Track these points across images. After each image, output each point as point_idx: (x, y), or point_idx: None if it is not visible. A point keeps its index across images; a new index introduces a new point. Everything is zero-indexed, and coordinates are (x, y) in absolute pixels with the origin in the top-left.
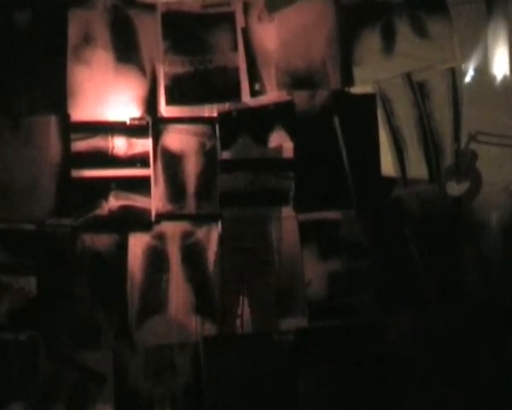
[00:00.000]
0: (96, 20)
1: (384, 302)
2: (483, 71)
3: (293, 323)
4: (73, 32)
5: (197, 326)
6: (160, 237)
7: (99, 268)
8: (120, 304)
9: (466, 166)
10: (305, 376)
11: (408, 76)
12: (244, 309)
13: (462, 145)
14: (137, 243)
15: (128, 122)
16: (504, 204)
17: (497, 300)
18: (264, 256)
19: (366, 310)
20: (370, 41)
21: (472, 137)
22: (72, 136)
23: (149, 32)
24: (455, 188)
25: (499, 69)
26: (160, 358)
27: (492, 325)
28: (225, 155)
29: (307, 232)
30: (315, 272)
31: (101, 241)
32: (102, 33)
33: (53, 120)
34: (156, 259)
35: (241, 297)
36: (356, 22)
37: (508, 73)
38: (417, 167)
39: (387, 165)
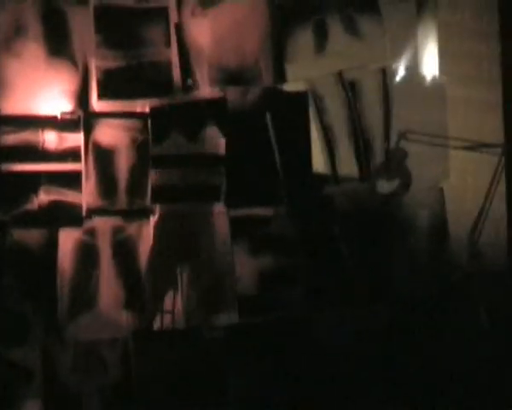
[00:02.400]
0: (28, 12)
1: (314, 299)
2: (413, 70)
3: (223, 319)
4: (4, 24)
5: (127, 322)
6: (91, 233)
7: (29, 263)
8: (50, 299)
9: (396, 164)
10: (235, 371)
11: (339, 74)
12: (175, 305)
13: (393, 144)
14: (68, 239)
15: (59, 116)
16: (433, 202)
17: (425, 296)
18: (196, 252)
19: (296, 306)
20: (303, 39)
21: (402, 136)
22: (2, 129)
23: (82, 26)
24: (385, 186)
25: (429, 69)
26: (90, 353)
27: (420, 322)
28: (157, 150)
29: (238, 228)
30: (245, 267)
31: (31, 236)
32: (34, 25)
33: None
34: (87, 254)
35: (172, 293)
36: (288, 20)
37: (437, 72)
38: (348, 165)
39: (319, 162)
